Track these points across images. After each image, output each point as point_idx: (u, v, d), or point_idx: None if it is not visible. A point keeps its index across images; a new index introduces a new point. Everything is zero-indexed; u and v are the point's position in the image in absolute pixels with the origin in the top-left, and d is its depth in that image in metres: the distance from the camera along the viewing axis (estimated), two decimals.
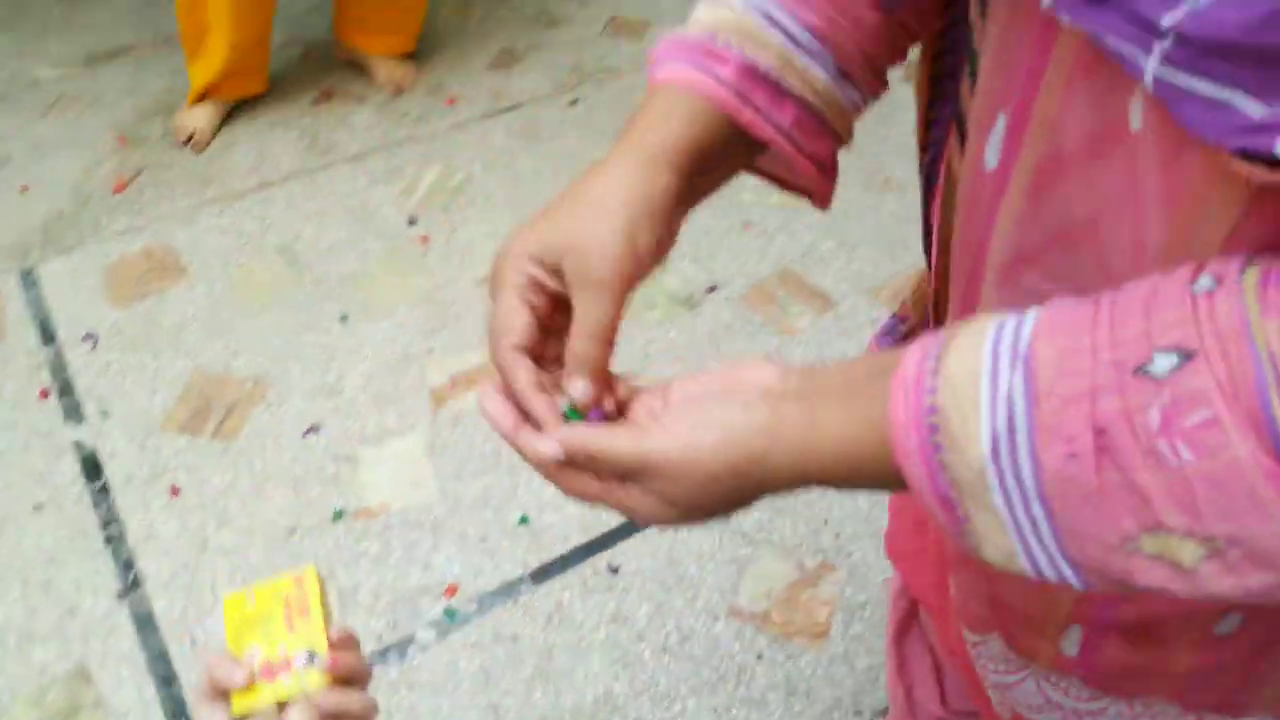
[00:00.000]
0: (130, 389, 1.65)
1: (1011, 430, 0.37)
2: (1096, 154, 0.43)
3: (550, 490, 0.77)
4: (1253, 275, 0.35)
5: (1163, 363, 0.35)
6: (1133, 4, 0.35)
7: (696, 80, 0.52)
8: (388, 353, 1.74)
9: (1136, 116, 0.39)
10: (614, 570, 1.45)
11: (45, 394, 1.65)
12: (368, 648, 1.34)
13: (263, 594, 0.59)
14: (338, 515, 1.50)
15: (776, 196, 1.89)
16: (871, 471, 0.43)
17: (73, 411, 1.62)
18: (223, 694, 0.56)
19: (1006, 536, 0.39)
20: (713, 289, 1.84)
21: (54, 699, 1.31)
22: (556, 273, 0.51)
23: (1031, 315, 0.39)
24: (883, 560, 1.48)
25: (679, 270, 1.86)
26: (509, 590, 1.42)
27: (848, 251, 1.87)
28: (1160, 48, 0.34)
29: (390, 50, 2.21)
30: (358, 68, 2.25)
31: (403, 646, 1.36)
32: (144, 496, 1.52)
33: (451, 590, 1.42)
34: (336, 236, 1.92)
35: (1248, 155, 0.33)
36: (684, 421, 0.46)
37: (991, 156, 0.50)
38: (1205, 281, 0.36)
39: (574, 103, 2.21)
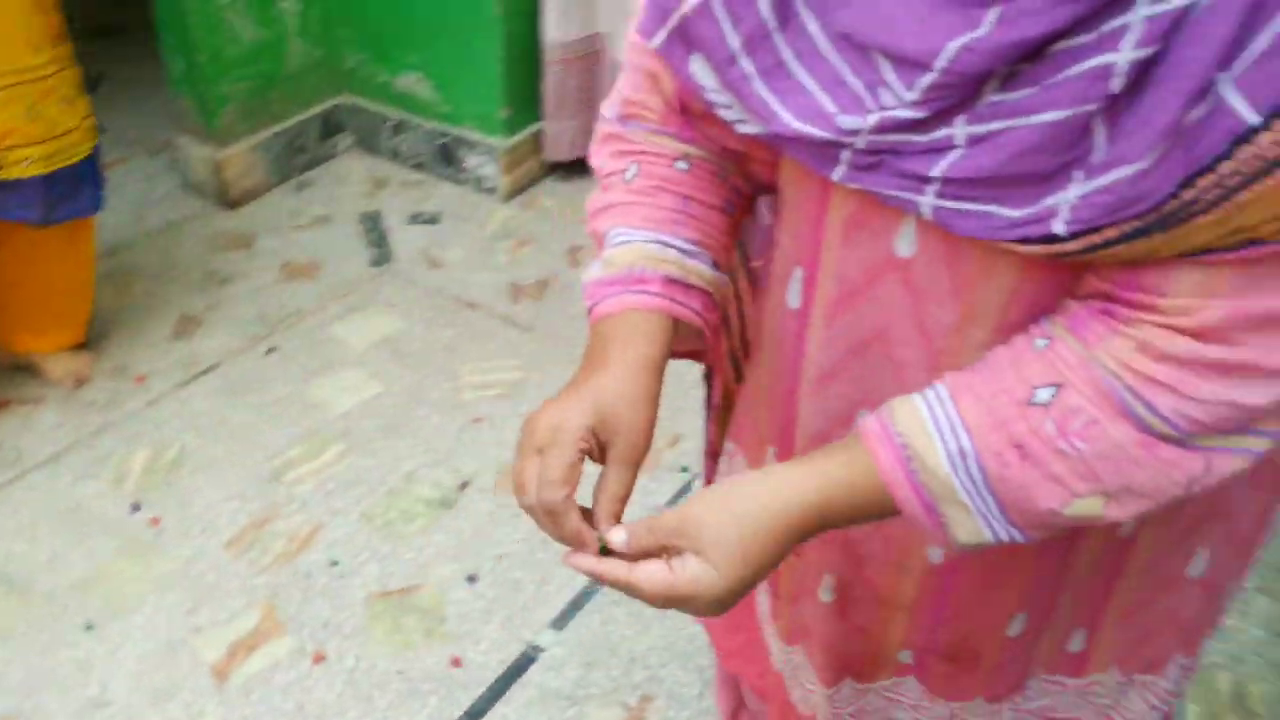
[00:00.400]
0: None
1: (962, 454, 0.57)
2: (874, 282, 0.64)
3: None
4: (1060, 327, 0.57)
5: (1043, 395, 0.56)
6: (900, 165, 0.55)
7: (641, 301, 0.70)
8: (149, 646, 1.64)
9: (904, 245, 0.61)
10: None
11: None
12: None
13: None
14: None
15: (495, 389, 2.04)
16: (870, 504, 0.61)
17: None
18: None
19: (972, 520, 0.59)
20: (465, 485, 1.93)
21: None
22: (598, 444, 0.67)
23: (942, 384, 0.60)
24: (692, 675, 1.61)
25: (428, 476, 1.94)
26: None
27: None
28: (933, 189, 0.55)
29: (60, 345, 2.14)
30: (27, 370, 2.15)
31: None
32: None
33: None
34: (55, 546, 1.80)
35: (1022, 241, 0.55)
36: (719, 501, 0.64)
37: (793, 299, 0.71)
38: (1040, 342, 0.58)
39: (270, 351, 2.25)
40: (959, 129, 0.53)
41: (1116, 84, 0.49)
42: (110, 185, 2.13)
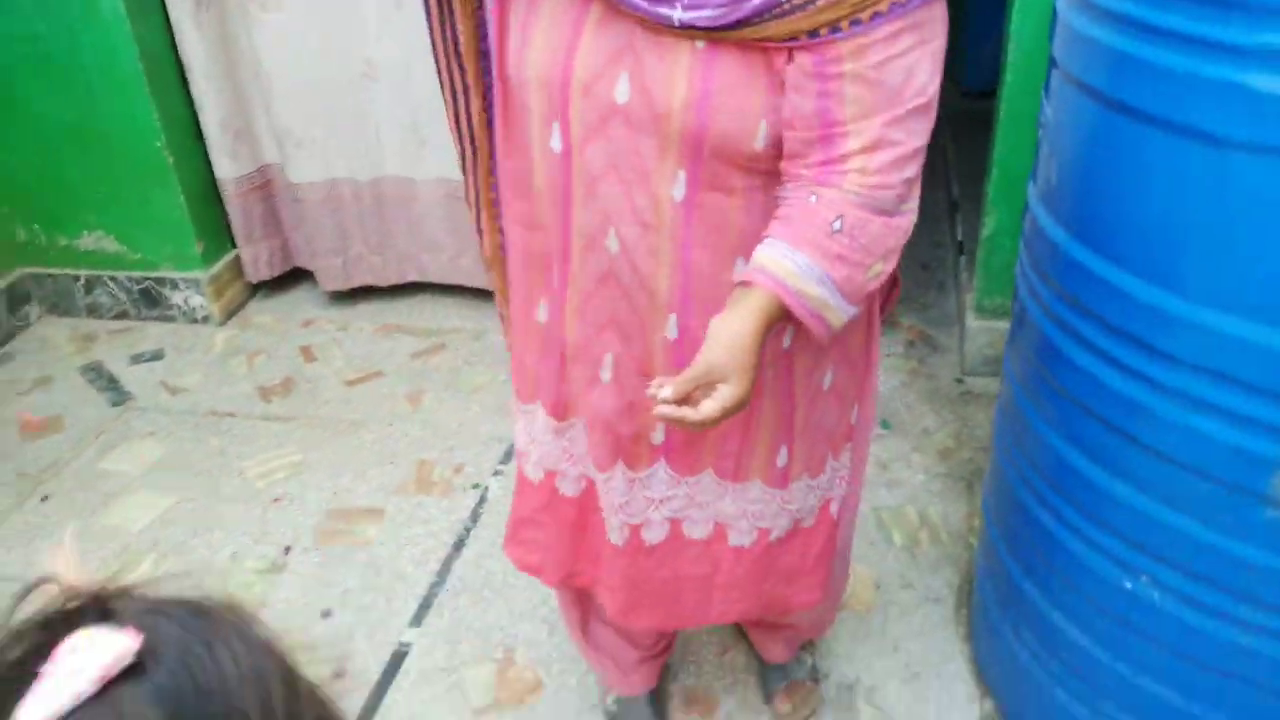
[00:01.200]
0: None
1: (818, 278, 1.03)
2: (605, 122, 1.07)
3: None
4: (811, 188, 1.04)
5: (836, 224, 1.03)
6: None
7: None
8: None
9: (621, 94, 1.04)
10: None
11: None
12: None
13: None
14: None
15: (282, 473, 2.26)
16: (781, 316, 1.05)
17: None
18: None
19: (835, 312, 1.05)
20: (288, 549, 2.16)
21: None
22: None
23: (780, 240, 1.05)
24: (539, 625, 1.97)
25: (250, 552, 2.15)
26: None
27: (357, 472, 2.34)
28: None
29: None
30: None
31: None
32: None
33: None
34: None
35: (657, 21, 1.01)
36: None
37: (556, 141, 1.12)
38: (811, 199, 1.04)
39: (45, 499, 2.31)
40: None
41: None
42: None
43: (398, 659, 1.91)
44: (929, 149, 1.10)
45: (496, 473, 2.34)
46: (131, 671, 0.49)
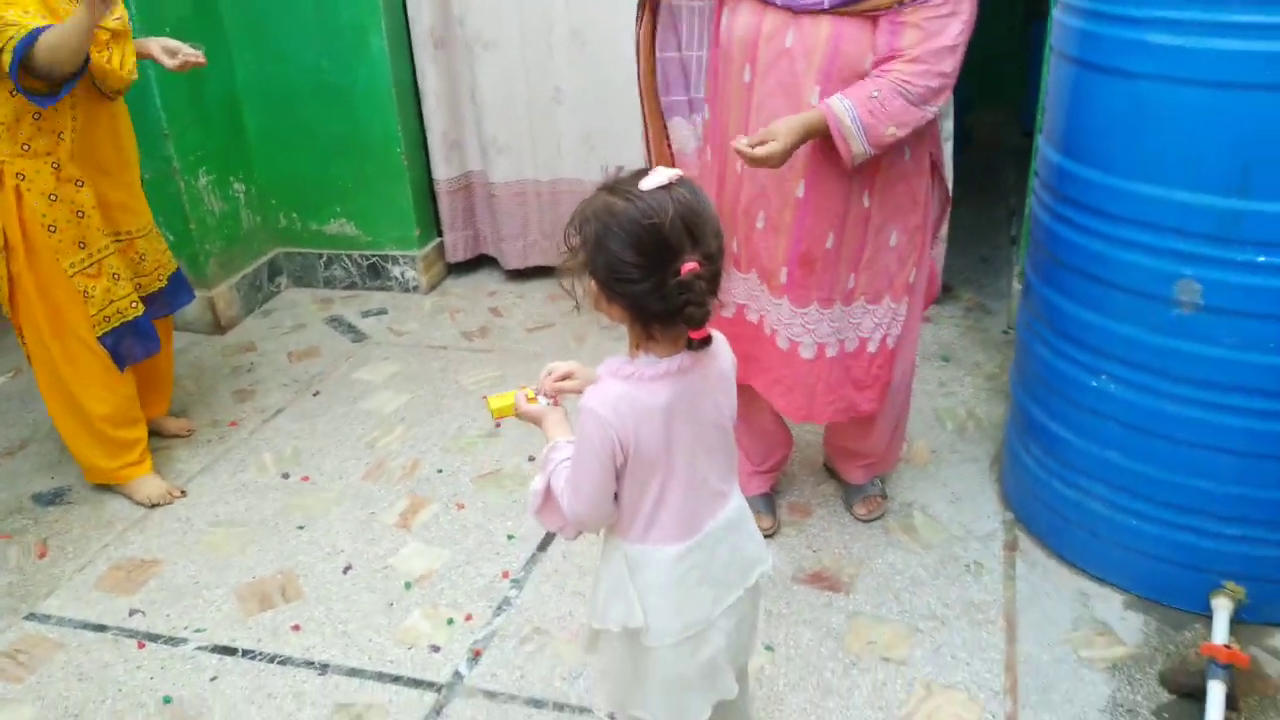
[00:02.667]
0: None
1: (853, 117, 1.84)
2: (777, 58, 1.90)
3: None
4: (872, 76, 1.88)
5: (874, 93, 1.84)
6: None
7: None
8: (345, 527, 2.52)
9: (789, 39, 1.87)
10: None
11: None
12: None
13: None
14: None
15: (488, 383, 3.07)
16: (822, 129, 1.86)
17: None
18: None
19: (858, 144, 1.86)
20: (498, 424, 2.95)
21: None
22: None
23: (842, 95, 1.86)
24: None
25: (470, 426, 2.95)
26: None
27: None
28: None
29: (164, 412, 2.96)
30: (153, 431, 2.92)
31: None
32: None
33: None
34: (246, 501, 2.63)
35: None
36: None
37: (746, 75, 1.95)
38: (869, 81, 1.87)
39: (316, 393, 3.17)
40: None
41: None
42: None
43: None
44: (996, 178, 1.92)
45: None
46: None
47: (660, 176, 1.22)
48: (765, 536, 2.37)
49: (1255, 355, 1.85)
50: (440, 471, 2.75)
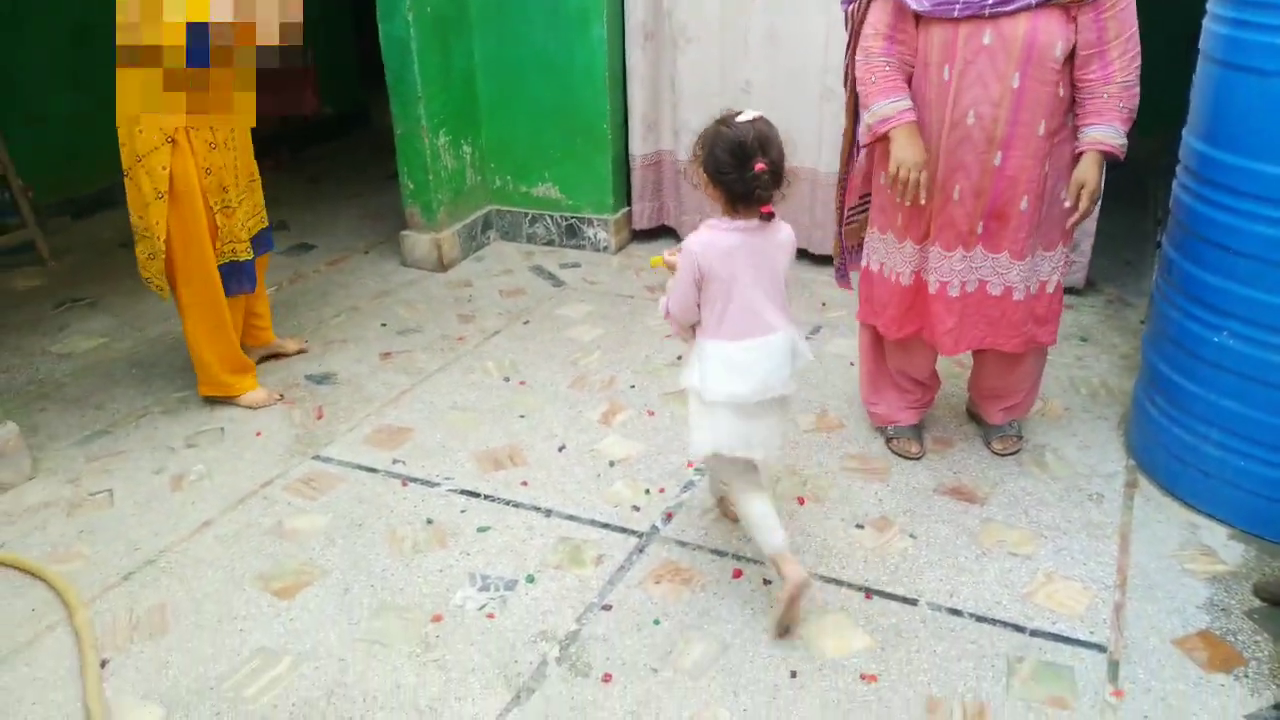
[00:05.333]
0: None
1: (1119, 134, 2.36)
2: (976, 56, 2.33)
3: None
4: (1100, 87, 2.35)
5: (1121, 106, 2.34)
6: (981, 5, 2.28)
7: (905, 120, 2.41)
8: (558, 418, 3.06)
9: (986, 37, 2.30)
10: None
11: None
12: None
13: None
14: None
15: (666, 330, 3.56)
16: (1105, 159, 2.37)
17: None
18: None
19: (1124, 142, 2.33)
20: (679, 357, 3.45)
21: None
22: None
23: (1100, 120, 2.36)
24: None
25: (656, 356, 3.45)
26: None
27: None
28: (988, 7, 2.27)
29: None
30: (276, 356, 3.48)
31: None
32: None
33: None
34: (476, 396, 3.20)
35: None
36: None
37: (946, 74, 2.38)
38: (1104, 95, 2.35)
39: (525, 322, 3.74)
40: None
41: None
42: (351, 268, 3.67)
43: None
44: (1146, 195, 2.36)
45: (809, 337, 3.57)
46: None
47: (748, 114, 2.00)
48: (913, 459, 2.80)
49: None
50: (633, 387, 3.26)
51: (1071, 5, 2.23)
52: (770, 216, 2.01)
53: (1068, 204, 2.40)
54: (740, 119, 1.99)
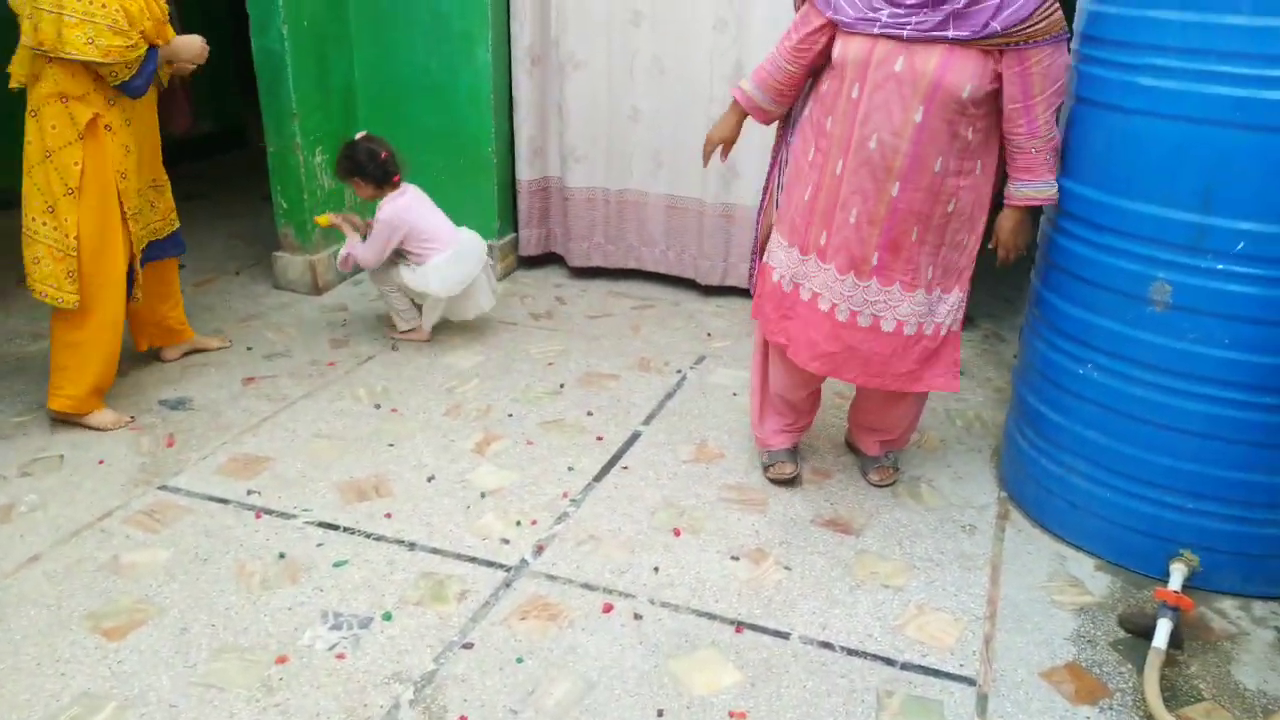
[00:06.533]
0: None
1: (1049, 184, 2.39)
2: (884, 81, 2.31)
3: None
4: (1028, 142, 2.36)
5: (1049, 158, 2.36)
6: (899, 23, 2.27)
7: (742, 99, 2.50)
8: (430, 448, 2.93)
9: (899, 64, 2.28)
10: None
11: None
12: None
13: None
14: None
15: (551, 357, 3.53)
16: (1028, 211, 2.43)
17: None
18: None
19: (1053, 191, 2.37)
20: (562, 385, 3.36)
21: None
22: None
23: (1031, 177, 2.38)
24: (725, 434, 3.10)
25: (537, 384, 3.36)
26: None
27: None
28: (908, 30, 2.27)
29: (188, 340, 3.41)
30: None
31: None
32: None
33: None
34: (343, 423, 3.05)
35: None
36: None
37: (855, 92, 2.36)
38: (1033, 150, 2.37)
39: (395, 348, 3.60)
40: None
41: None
42: (219, 290, 3.52)
43: (634, 438, 3.07)
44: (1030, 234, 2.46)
45: (692, 367, 3.53)
46: None
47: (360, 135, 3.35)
48: (787, 482, 2.77)
49: (1215, 350, 2.23)
50: (510, 416, 3.16)
51: (993, 51, 2.22)
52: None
53: (991, 247, 2.44)
54: (359, 137, 3.46)
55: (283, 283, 4.14)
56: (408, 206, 3.45)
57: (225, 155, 6.34)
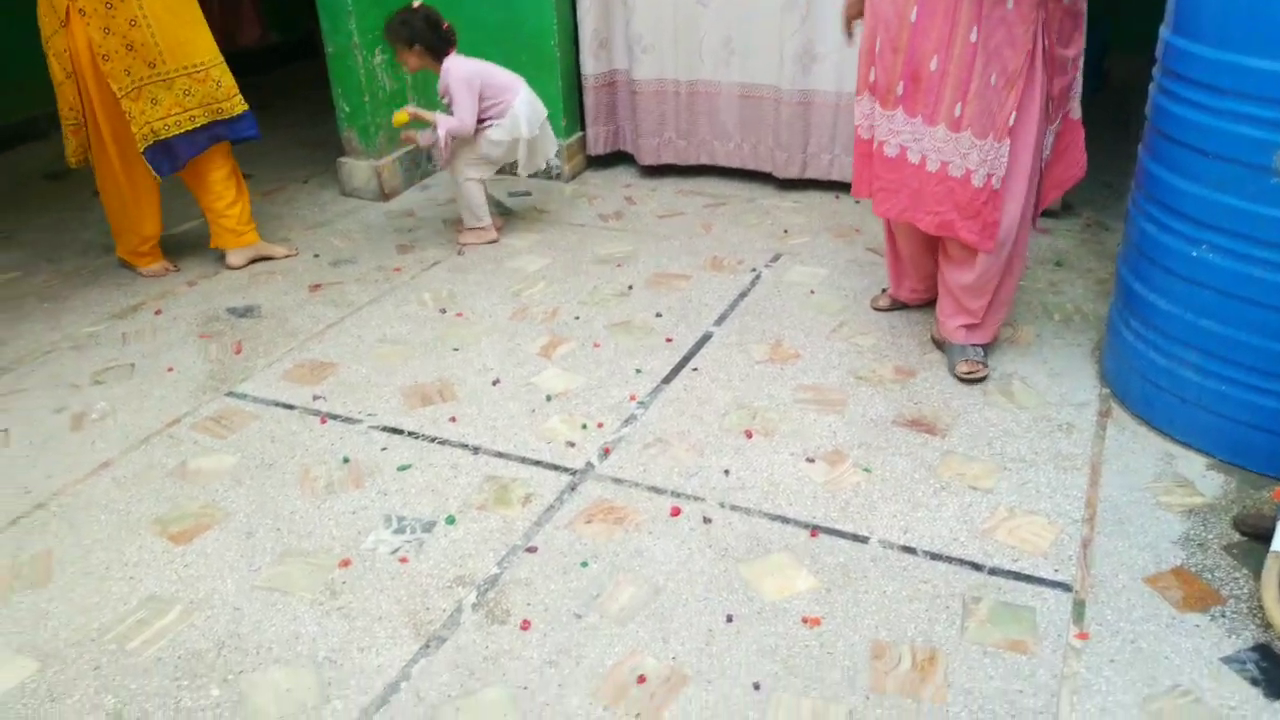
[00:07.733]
0: None
1: None
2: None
3: None
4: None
5: None
6: None
7: None
8: (493, 352, 2.85)
9: None
10: None
11: None
12: None
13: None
14: None
15: (618, 258, 3.37)
16: None
17: None
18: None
19: None
20: (630, 287, 3.23)
21: None
22: None
23: None
24: (799, 332, 2.95)
25: (606, 286, 3.23)
26: None
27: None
28: None
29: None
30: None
31: None
32: None
33: None
34: (408, 328, 2.99)
35: None
36: None
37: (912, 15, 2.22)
38: None
39: (461, 253, 3.51)
40: None
41: None
42: (286, 198, 3.41)
43: (705, 339, 2.93)
44: (1129, 118, 2.21)
45: (768, 265, 3.36)
46: None
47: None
48: (881, 310, 3.01)
49: None
50: (577, 318, 3.05)
51: None
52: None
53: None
54: (416, 5, 3.34)
55: (349, 189, 4.07)
56: (469, 60, 3.43)
57: (294, 65, 6.27)
